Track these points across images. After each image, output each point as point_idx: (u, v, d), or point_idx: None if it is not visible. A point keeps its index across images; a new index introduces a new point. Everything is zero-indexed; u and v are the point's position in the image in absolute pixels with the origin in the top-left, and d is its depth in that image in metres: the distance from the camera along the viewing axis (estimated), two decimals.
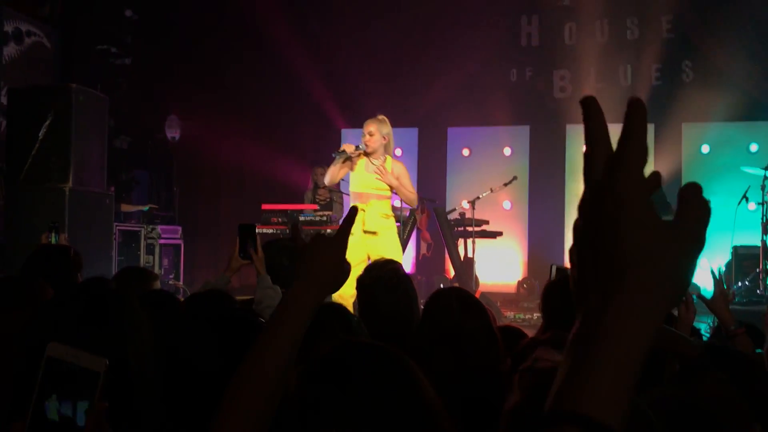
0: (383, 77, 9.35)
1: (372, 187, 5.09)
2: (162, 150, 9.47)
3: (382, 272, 2.63)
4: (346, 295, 4.57)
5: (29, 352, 1.33)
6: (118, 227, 7.17)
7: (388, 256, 4.74)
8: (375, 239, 4.99)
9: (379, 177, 5.03)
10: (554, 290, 2.40)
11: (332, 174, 5.20)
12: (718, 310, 2.39)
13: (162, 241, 7.84)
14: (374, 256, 4.90)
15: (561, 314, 2.24)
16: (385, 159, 5.14)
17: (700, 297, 2.54)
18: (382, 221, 5.01)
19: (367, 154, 5.13)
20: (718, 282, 2.52)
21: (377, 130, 5.12)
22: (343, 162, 5.15)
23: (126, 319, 1.36)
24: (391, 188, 5.11)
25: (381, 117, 5.23)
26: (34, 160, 6.03)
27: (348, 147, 5.12)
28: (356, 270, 4.84)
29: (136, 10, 8.98)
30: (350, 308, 4.55)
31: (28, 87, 6.62)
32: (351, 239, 4.26)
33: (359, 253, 4.93)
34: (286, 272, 3.15)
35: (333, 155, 5.20)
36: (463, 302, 1.98)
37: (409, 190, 5.17)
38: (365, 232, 4.98)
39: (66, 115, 6.06)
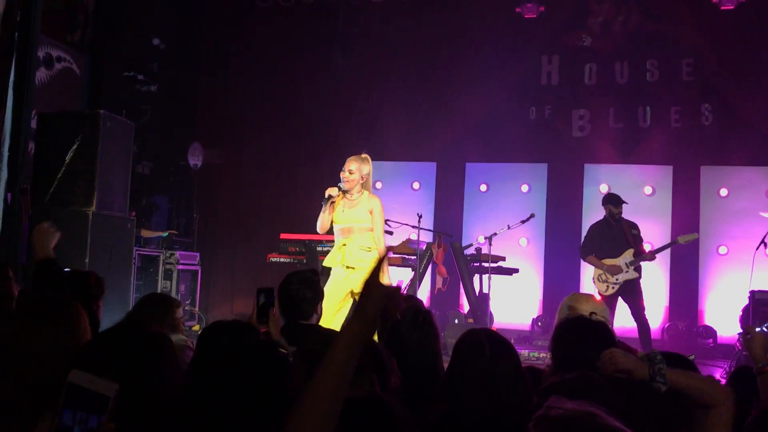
0: (404, 111, 9.45)
1: (351, 221, 5.12)
2: (183, 176, 9.59)
3: (406, 312, 2.67)
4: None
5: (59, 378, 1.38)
6: (137, 251, 7.26)
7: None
8: (356, 274, 4.95)
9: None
10: (567, 331, 2.39)
11: (322, 221, 5.20)
12: (752, 347, 2.41)
13: (180, 267, 7.92)
14: (356, 292, 4.91)
15: (571, 355, 2.24)
16: (362, 194, 5.18)
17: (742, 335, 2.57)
18: (362, 254, 4.98)
19: (344, 192, 5.17)
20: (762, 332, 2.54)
21: (357, 169, 5.16)
22: (330, 205, 5.17)
23: (163, 361, 1.41)
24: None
25: (364, 156, 5.28)
26: (60, 183, 6.15)
27: (331, 191, 5.16)
28: (343, 304, 4.87)
29: (163, 39, 9.17)
30: None
31: (58, 112, 6.78)
32: (335, 275, 4.30)
33: (343, 289, 4.96)
34: (309, 304, 3.18)
35: (322, 203, 5.20)
36: (493, 342, 2.01)
37: (377, 234, 5.12)
38: (347, 267, 4.99)
39: (93, 141, 6.20)
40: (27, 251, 6.24)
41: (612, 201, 7.31)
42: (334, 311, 4.88)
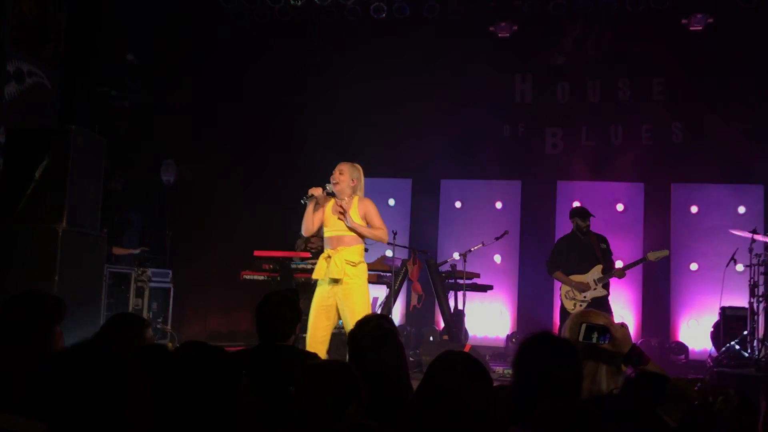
0: (379, 127, 9.48)
1: (341, 230, 4.97)
2: (156, 193, 9.50)
3: (367, 329, 2.64)
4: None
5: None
6: (108, 269, 7.15)
7: (351, 306, 4.72)
8: (341, 288, 4.83)
9: (341, 216, 4.91)
10: (530, 347, 2.30)
11: (306, 222, 5.05)
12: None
13: (152, 285, 7.81)
14: (340, 306, 4.81)
15: (533, 372, 2.17)
16: (353, 198, 5.04)
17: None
18: (347, 269, 4.83)
19: (332, 195, 5.03)
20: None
21: (347, 172, 5.06)
22: (314, 206, 5.02)
23: (122, 382, 1.38)
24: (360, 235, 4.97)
25: (356, 165, 5.19)
26: (29, 199, 6.04)
27: (315, 190, 5.01)
28: (329, 324, 4.79)
29: (137, 55, 9.10)
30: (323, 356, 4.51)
31: (27, 128, 6.68)
32: (321, 288, 4.23)
33: (328, 302, 4.83)
34: (287, 325, 3.14)
35: (302, 201, 5.04)
36: (467, 365, 1.98)
37: (377, 225, 4.99)
38: (332, 280, 4.85)
39: (63, 157, 6.11)
40: None
41: (579, 214, 7.23)
42: (320, 329, 4.78)
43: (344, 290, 4.82)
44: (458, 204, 9.99)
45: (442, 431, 1.82)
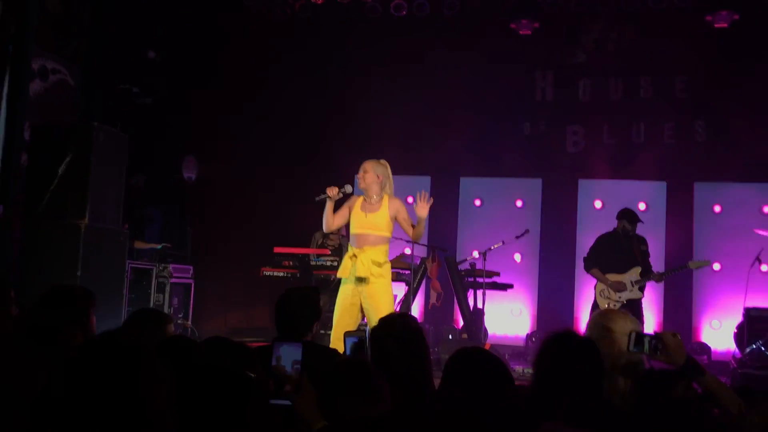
0: (398, 124, 9.46)
1: (368, 228, 5.00)
2: (177, 189, 9.55)
3: (393, 327, 2.63)
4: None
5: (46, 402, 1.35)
6: (130, 264, 7.20)
7: (376, 305, 4.76)
8: (366, 287, 4.88)
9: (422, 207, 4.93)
10: (552, 346, 2.29)
11: (326, 221, 5.11)
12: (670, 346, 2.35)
13: (173, 280, 7.86)
14: (364, 305, 4.87)
15: (554, 371, 2.16)
16: (382, 197, 5.08)
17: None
18: (373, 268, 4.88)
19: (348, 194, 5.10)
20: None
21: (371, 169, 5.10)
22: (332, 206, 5.08)
23: (143, 376, 1.36)
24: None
25: (382, 161, 5.22)
26: (53, 195, 6.10)
27: (331, 190, 5.05)
28: (352, 322, 4.81)
29: (158, 52, 9.16)
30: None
31: (51, 124, 6.73)
32: (344, 286, 4.24)
33: (353, 301, 4.89)
34: (305, 323, 3.14)
35: (316, 200, 5.11)
36: (486, 362, 1.97)
37: (407, 222, 5.07)
38: (357, 279, 4.90)
39: (86, 153, 6.17)
40: (19, 265, 6.20)
41: (628, 217, 7.07)
42: (343, 328, 4.80)
43: (369, 290, 4.87)
44: (478, 202, 9.94)
45: (467, 428, 1.81)
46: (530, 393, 2.18)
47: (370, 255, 4.91)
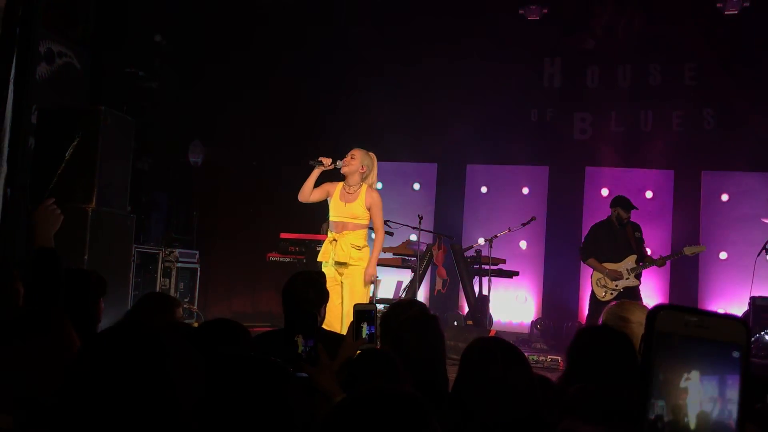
0: (405, 112, 9.43)
1: (347, 217, 5.10)
2: (183, 173, 9.55)
3: (410, 313, 2.62)
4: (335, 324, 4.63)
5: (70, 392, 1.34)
6: (136, 249, 7.21)
7: (351, 285, 4.92)
8: (345, 271, 5.01)
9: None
10: (589, 339, 2.32)
11: (305, 189, 5.16)
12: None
13: (179, 265, 7.88)
14: (344, 288, 4.97)
15: (589, 364, 2.20)
16: (361, 186, 5.16)
17: None
18: (352, 252, 5.00)
19: (339, 170, 5.16)
20: None
21: (359, 157, 5.17)
22: (317, 176, 5.15)
23: (171, 362, 1.35)
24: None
25: (371, 153, 5.29)
26: (60, 179, 6.10)
27: (326, 160, 5.15)
28: (337, 305, 4.86)
29: (164, 36, 9.13)
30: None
31: (58, 108, 6.72)
32: (325, 269, 4.25)
33: (334, 286, 4.94)
34: (311, 305, 3.15)
35: (310, 163, 5.18)
36: (505, 351, 1.97)
37: (377, 225, 5.13)
38: (336, 263, 5.02)
39: (93, 137, 6.16)
40: (26, 247, 6.20)
41: (622, 204, 7.08)
42: (332, 308, 4.88)
43: (348, 272, 5.00)
44: (484, 189, 9.92)
45: (484, 421, 1.81)
46: (562, 382, 2.22)
47: (349, 239, 5.03)
